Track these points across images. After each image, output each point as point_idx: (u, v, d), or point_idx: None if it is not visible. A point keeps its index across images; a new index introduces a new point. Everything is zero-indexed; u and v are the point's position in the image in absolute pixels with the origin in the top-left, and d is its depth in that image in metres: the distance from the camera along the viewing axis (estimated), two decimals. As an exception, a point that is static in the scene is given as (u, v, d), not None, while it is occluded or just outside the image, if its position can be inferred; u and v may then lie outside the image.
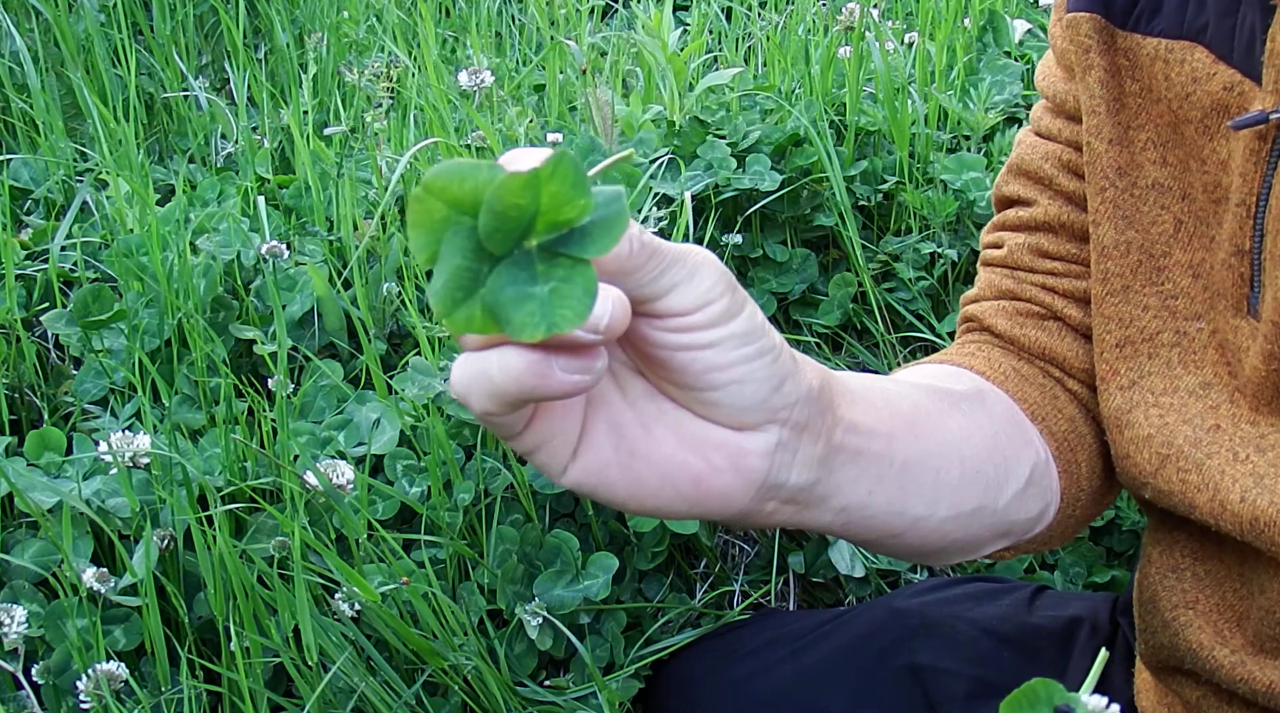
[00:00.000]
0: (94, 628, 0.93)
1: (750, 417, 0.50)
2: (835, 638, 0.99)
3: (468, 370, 0.45)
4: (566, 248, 0.40)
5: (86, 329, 1.19)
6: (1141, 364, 0.72)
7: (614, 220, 0.40)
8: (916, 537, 0.62)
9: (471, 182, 0.39)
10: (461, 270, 0.40)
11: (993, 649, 0.95)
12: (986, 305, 0.80)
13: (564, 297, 0.40)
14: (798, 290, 1.47)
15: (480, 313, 0.40)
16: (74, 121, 1.78)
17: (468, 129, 1.50)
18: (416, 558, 1.06)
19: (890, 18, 2.07)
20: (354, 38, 2.05)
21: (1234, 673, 0.71)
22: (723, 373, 0.48)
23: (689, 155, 1.47)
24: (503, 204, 0.38)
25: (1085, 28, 0.71)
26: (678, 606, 1.15)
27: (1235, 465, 0.66)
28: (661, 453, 0.50)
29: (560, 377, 0.43)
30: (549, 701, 1.06)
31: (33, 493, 0.98)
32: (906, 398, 0.63)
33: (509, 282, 0.40)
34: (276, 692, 0.99)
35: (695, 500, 0.51)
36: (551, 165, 0.38)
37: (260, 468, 1.06)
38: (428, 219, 0.39)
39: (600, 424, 0.50)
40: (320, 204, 1.37)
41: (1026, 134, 0.80)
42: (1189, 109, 0.67)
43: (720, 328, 0.47)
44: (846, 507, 0.57)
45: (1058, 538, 0.76)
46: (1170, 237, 0.70)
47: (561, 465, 0.50)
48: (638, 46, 1.76)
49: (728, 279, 0.47)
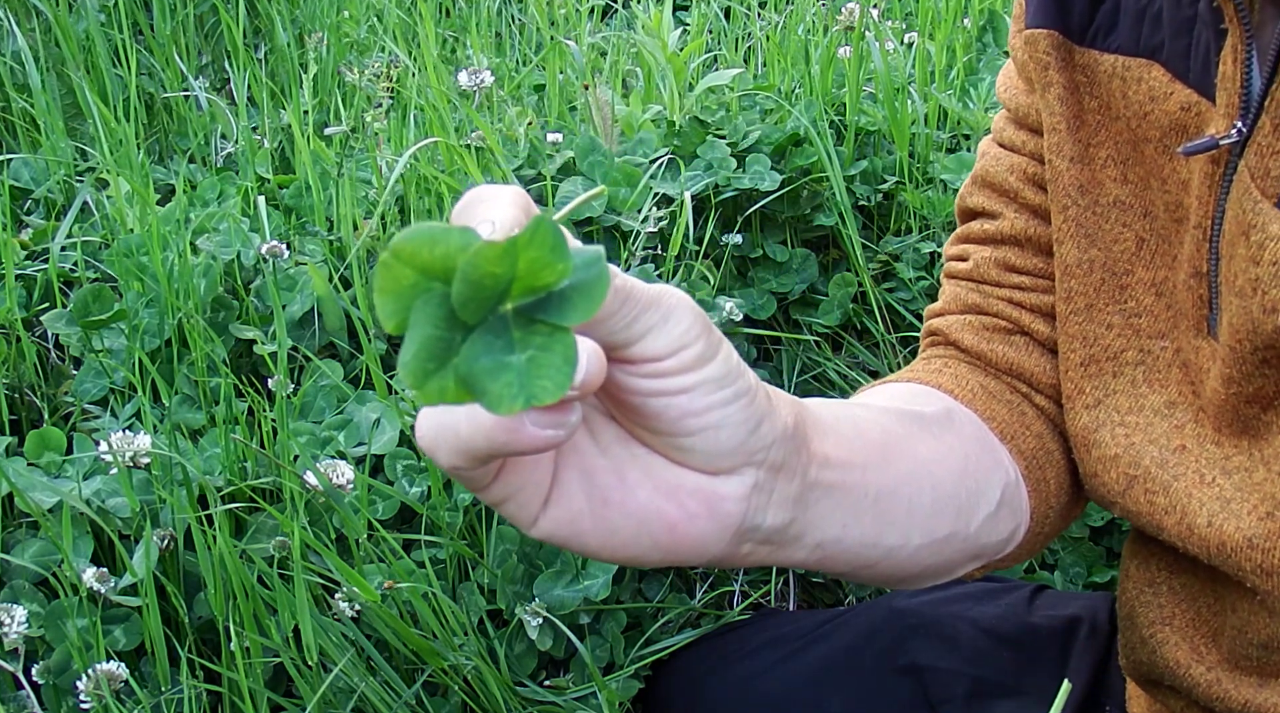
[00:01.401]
0: (94, 628, 0.93)
1: (726, 461, 0.48)
2: (835, 638, 0.99)
3: (434, 424, 0.43)
4: (545, 314, 0.38)
5: (86, 329, 1.19)
6: (1107, 382, 0.71)
7: (594, 284, 0.38)
8: (890, 566, 0.61)
9: (443, 247, 0.37)
10: (433, 339, 0.37)
11: (992, 649, 0.95)
12: (952, 319, 0.79)
13: (542, 366, 0.38)
14: (798, 290, 1.47)
15: (454, 384, 0.38)
16: (74, 121, 1.78)
17: (468, 129, 1.50)
18: (416, 558, 1.06)
19: (890, 18, 2.07)
20: (354, 38, 2.05)
21: (1210, 691, 0.71)
22: (698, 418, 0.46)
23: (689, 155, 1.47)
24: (478, 273, 0.36)
25: (1043, 44, 0.70)
26: (678, 606, 1.15)
27: (1202, 488, 0.66)
28: (636, 501, 0.48)
29: (532, 432, 0.41)
30: (549, 701, 1.06)
31: (33, 493, 0.99)
32: (876, 425, 0.62)
33: (484, 350, 0.38)
34: (276, 692, 0.99)
35: (670, 549, 0.49)
36: (530, 232, 0.36)
37: (260, 468, 1.07)
38: (396, 286, 0.37)
39: (572, 473, 0.48)
40: (320, 204, 1.37)
41: (990, 144, 0.79)
42: (1148, 128, 0.67)
43: (695, 373, 0.46)
44: (822, 543, 0.56)
45: (1026, 554, 0.75)
46: (1133, 254, 0.70)
47: (532, 517, 0.48)
48: (638, 46, 1.76)
49: (703, 322, 0.46)
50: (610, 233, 1.41)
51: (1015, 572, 1.27)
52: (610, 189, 1.42)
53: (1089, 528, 1.29)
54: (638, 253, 1.38)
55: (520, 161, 1.45)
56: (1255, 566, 0.63)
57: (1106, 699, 0.88)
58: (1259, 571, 0.63)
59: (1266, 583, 0.63)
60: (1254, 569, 0.63)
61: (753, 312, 1.44)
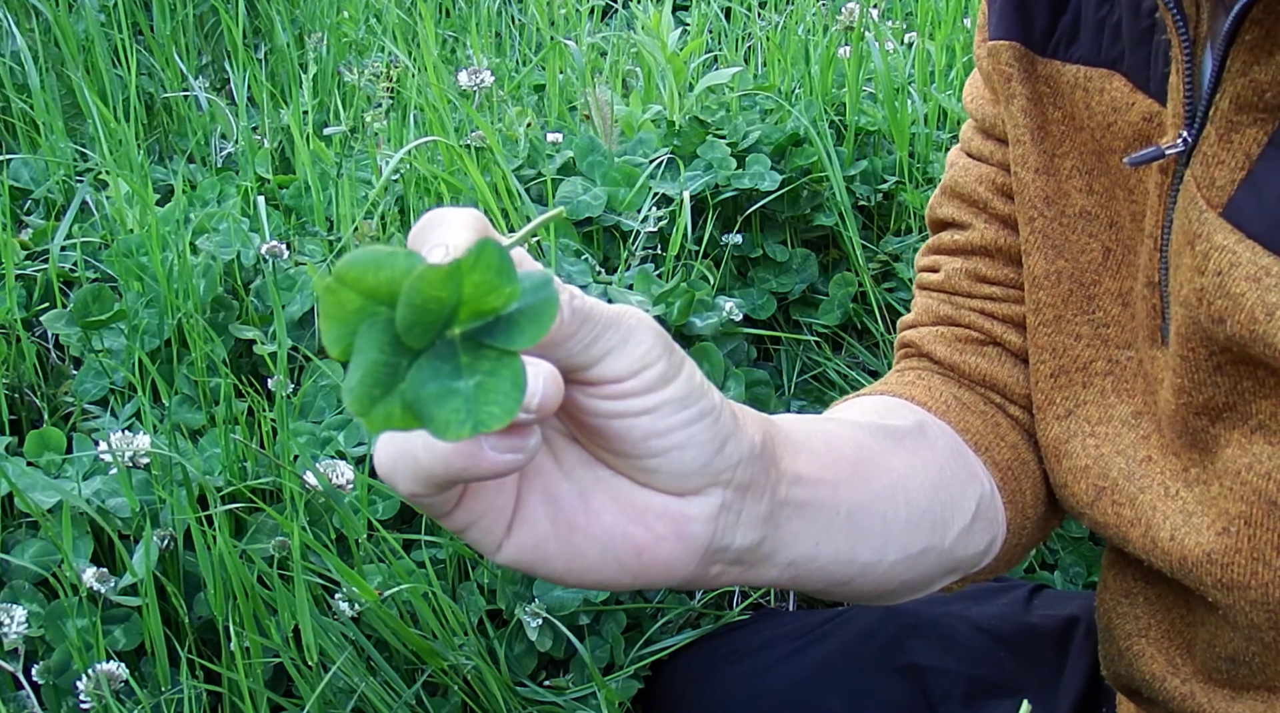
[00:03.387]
0: (94, 628, 0.93)
1: (692, 482, 0.47)
2: (834, 638, 0.99)
3: (392, 450, 0.43)
4: (492, 338, 0.37)
5: (86, 329, 1.19)
6: (1077, 393, 0.71)
7: (542, 307, 0.37)
8: (866, 583, 0.60)
9: (388, 271, 0.36)
10: (378, 365, 0.37)
11: (990, 649, 0.95)
12: (925, 331, 0.79)
13: (490, 391, 0.37)
14: (798, 290, 1.48)
15: (400, 410, 0.37)
16: (74, 121, 1.78)
17: (467, 129, 1.50)
18: (416, 558, 1.06)
19: (890, 18, 2.07)
20: (354, 38, 2.05)
21: (1185, 704, 0.71)
22: (662, 439, 0.46)
23: (689, 155, 1.47)
24: (422, 297, 0.36)
25: (1005, 56, 0.70)
26: (677, 606, 1.15)
27: (1166, 501, 0.65)
28: (601, 525, 0.48)
29: (490, 456, 0.41)
30: (549, 701, 1.06)
31: (33, 493, 0.99)
32: (849, 440, 0.61)
33: (430, 376, 0.37)
34: (276, 692, 0.99)
35: (637, 572, 0.48)
36: (474, 256, 0.36)
37: (260, 468, 1.07)
38: (340, 311, 0.36)
39: (535, 497, 0.48)
40: (320, 204, 1.37)
41: (959, 154, 0.79)
42: (1112, 139, 0.67)
43: (657, 393, 0.45)
44: (794, 561, 0.55)
45: (1004, 566, 0.74)
46: (1099, 265, 0.69)
47: (496, 543, 0.47)
48: (638, 46, 1.76)
49: (664, 341, 0.45)
50: (610, 233, 1.41)
51: (1015, 571, 1.27)
52: (610, 189, 1.42)
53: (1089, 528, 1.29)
54: (637, 253, 1.38)
55: (520, 161, 1.45)
56: (1215, 580, 0.63)
57: (1104, 701, 0.88)
58: (1219, 585, 0.63)
59: (1227, 598, 0.63)
60: (1214, 584, 0.63)
61: (753, 312, 1.44)
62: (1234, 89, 0.57)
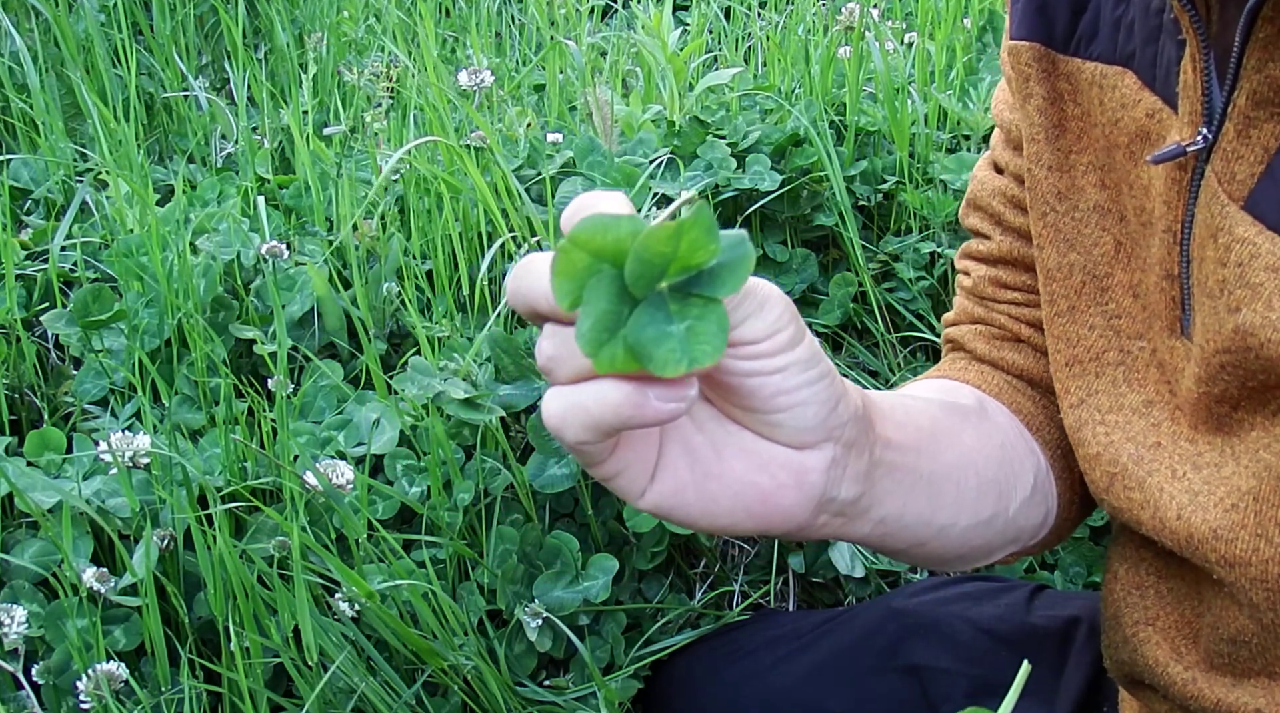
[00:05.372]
0: (94, 628, 0.93)
1: (810, 436, 0.53)
2: (834, 638, 0.99)
3: (562, 403, 0.47)
4: (698, 289, 0.43)
5: (86, 329, 1.19)
6: (1090, 382, 0.74)
7: (740, 262, 0.43)
8: (940, 545, 0.66)
9: (614, 233, 0.42)
10: (606, 314, 0.43)
11: (991, 649, 0.95)
12: (965, 330, 0.84)
13: (700, 334, 0.43)
14: (798, 290, 1.47)
15: (623, 352, 0.43)
16: (74, 121, 1.78)
17: (467, 129, 1.50)
18: (416, 558, 1.06)
19: (890, 18, 2.07)
20: (354, 38, 2.05)
21: (1185, 690, 0.72)
22: (789, 396, 0.51)
23: (689, 155, 1.47)
24: (649, 252, 0.42)
25: (1025, 56, 0.72)
26: (677, 606, 1.15)
27: (1173, 483, 0.68)
28: (733, 473, 0.53)
29: (656, 405, 0.45)
30: (549, 701, 1.06)
31: (33, 493, 0.99)
32: (925, 413, 0.67)
33: (648, 322, 0.43)
34: (276, 692, 0.99)
35: (763, 516, 0.54)
36: (694, 216, 0.41)
37: (260, 468, 1.07)
38: (571, 268, 0.42)
39: (675, 448, 0.53)
40: (320, 204, 1.37)
41: (981, 165, 0.83)
42: (1118, 134, 0.69)
43: (787, 354, 0.50)
44: (885, 518, 0.60)
45: (1055, 540, 0.80)
46: (1112, 258, 0.72)
47: (640, 489, 0.53)
48: (638, 46, 1.76)
49: (792, 310, 0.51)
50: (610, 233, 1.41)
51: (1015, 572, 1.27)
52: (610, 189, 1.42)
53: (1089, 528, 1.29)
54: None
55: (520, 161, 1.45)
56: (1220, 557, 0.65)
57: (1104, 701, 0.88)
58: (1223, 562, 0.65)
59: (1230, 574, 0.65)
60: (1219, 560, 0.65)
61: (752, 312, 1.43)
62: (1250, 85, 0.58)
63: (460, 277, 1.30)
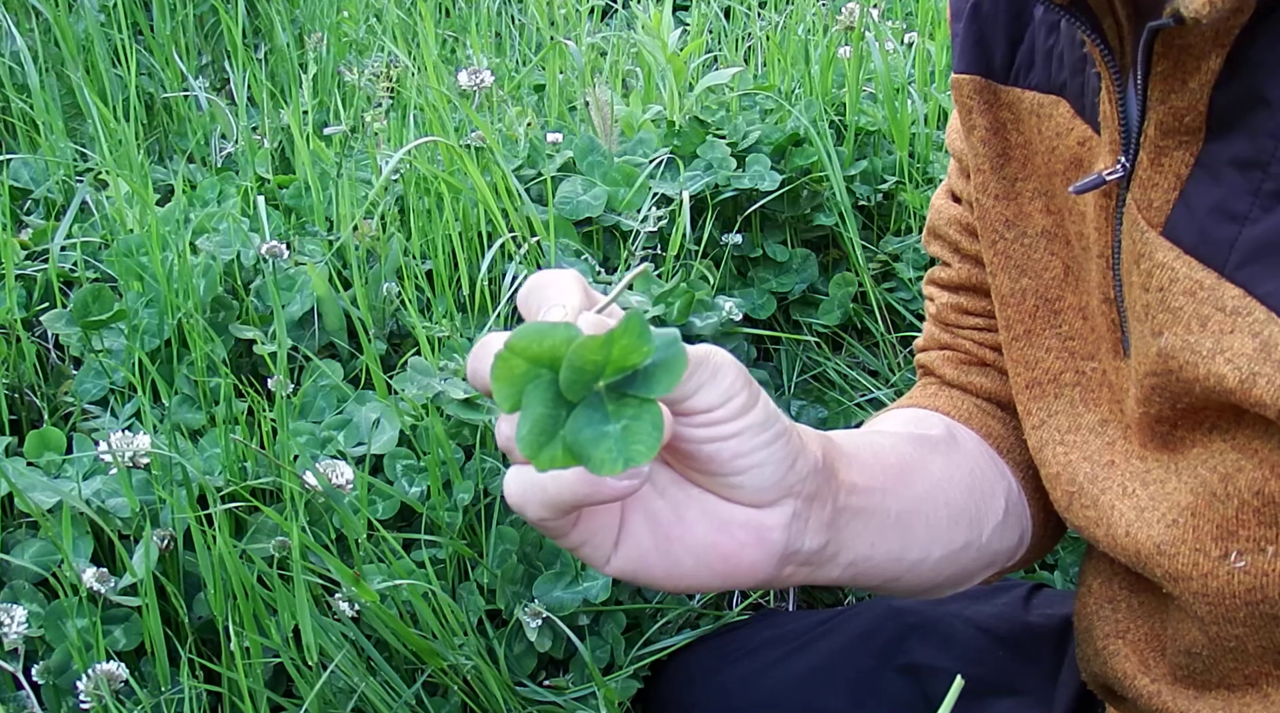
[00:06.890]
0: (94, 628, 0.93)
1: (769, 495, 0.54)
2: (833, 638, 0.99)
3: (521, 483, 0.50)
4: (633, 389, 0.45)
5: (86, 329, 1.19)
6: (1049, 404, 0.75)
7: (673, 361, 0.45)
8: (915, 577, 0.67)
9: (549, 341, 0.44)
10: (543, 417, 0.45)
11: (989, 648, 0.95)
12: (934, 355, 0.86)
13: (635, 434, 0.45)
14: (798, 290, 1.48)
15: (562, 452, 0.45)
16: (74, 121, 1.78)
17: (467, 129, 1.50)
18: (416, 558, 1.06)
19: (890, 18, 2.07)
20: (354, 38, 2.05)
21: (1152, 703, 0.73)
22: (746, 459, 0.53)
23: (689, 155, 1.47)
24: (582, 361, 0.44)
25: (967, 89, 0.73)
26: (677, 607, 1.15)
27: (1123, 500, 0.69)
28: (694, 536, 0.55)
29: (610, 484, 0.48)
30: (549, 701, 1.06)
31: (33, 493, 0.99)
32: (892, 450, 0.69)
33: (585, 423, 0.45)
34: (276, 692, 0.99)
35: (726, 574, 0.55)
36: (624, 325, 0.44)
37: (260, 468, 1.07)
38: (510, 375, 0.44)
39: (637, 516, 0.55)
40: (320, 204, 1.37)
41: (940, 194, 0.84)
42: (1055, 161, 0.70)
43: (742, 419, 0.52)
44: (854, 561, 0.61)
45: (1034, 558, 0.82)
46: (1062, 281, 0.73)
47: (605, 557, 0.55)
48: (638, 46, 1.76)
49: (744, 374, 0.52)
50: (610, 232, 1.41)
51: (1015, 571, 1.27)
52: (610, 189, 1.42)
53: (1088, 528, 1.29)
54: (637, 253, 1.38)
55: (520, 161, 1.45)
56: (1164, 572, 0.66)
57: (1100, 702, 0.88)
58: (1168, 577, 0.65)
59: (1176, 588, 0.65)
60: (1164, 575, 0.66)
61: (753, 312, 1.44)
62: (1157, 116, 0.59)
63: (460, 277, 1.30)
